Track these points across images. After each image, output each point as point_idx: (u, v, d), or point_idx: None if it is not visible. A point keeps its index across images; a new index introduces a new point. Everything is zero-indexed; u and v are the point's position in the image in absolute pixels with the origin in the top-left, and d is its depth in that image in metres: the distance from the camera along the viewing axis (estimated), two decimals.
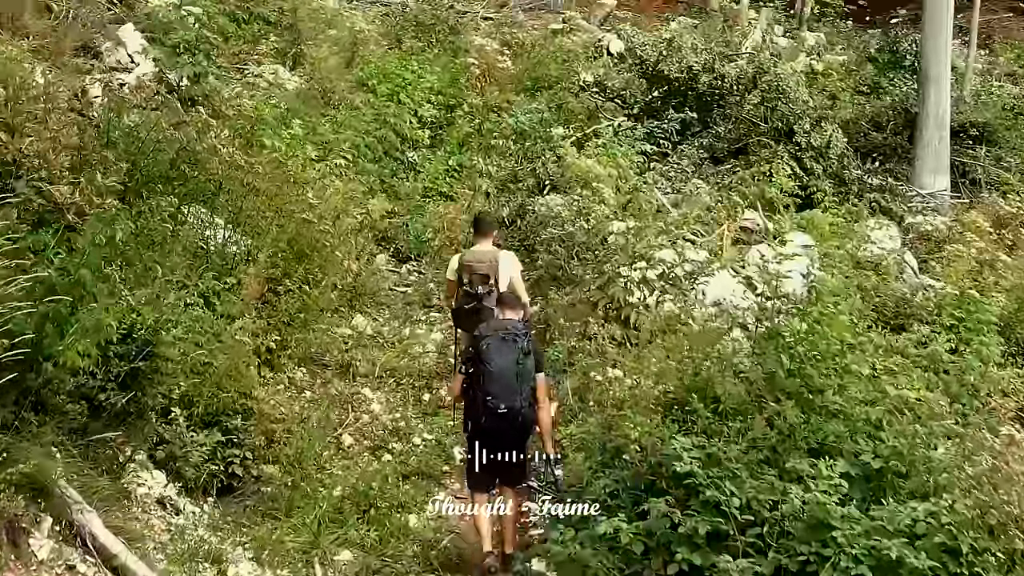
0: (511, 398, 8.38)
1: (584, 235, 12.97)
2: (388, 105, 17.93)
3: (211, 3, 20.82)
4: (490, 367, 8.39)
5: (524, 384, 8.45)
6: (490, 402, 8.36)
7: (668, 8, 38.20)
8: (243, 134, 13.23)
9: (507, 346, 8.43)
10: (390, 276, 14.68)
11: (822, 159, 16.43)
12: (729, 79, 17.42)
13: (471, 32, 24.48)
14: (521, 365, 8.41)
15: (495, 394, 8.36)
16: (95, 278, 7.68)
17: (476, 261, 10.34)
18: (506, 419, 8.41)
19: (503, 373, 8.37)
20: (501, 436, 8.58)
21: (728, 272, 12.79)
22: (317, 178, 13.90)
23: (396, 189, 16.84)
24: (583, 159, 14.88)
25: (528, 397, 8.50)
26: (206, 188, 11.50)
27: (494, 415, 8.39)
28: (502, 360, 8.39)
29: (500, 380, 8.37)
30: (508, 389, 8.37)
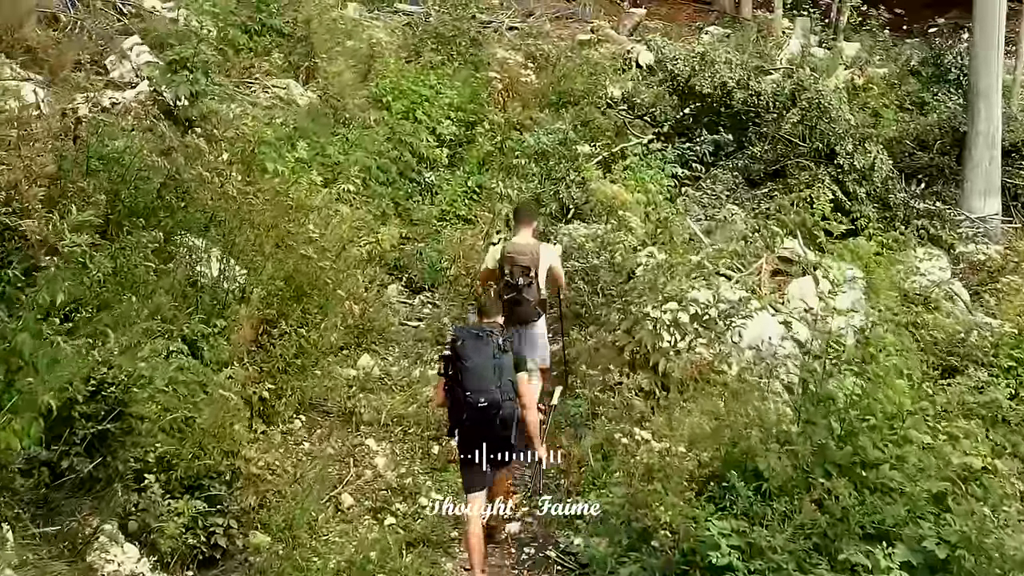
0: (489, 392, 8.40)
1: (609, 269, 11.93)
2: (403, 123, 16.92)
3: (223, 14, 20.06)
4: (467, 363, 8.44)
5: (502, 378, 8.49)
6: (469, 397, 8.40)
7: (699, 17, 37.16)
8: (243, 158, 12.26)
9: (482, 342, 8.49)
10: (401, 309, 13.65)
11: (866, 182, 15.33)
12: (765, 96, 16.33)
13: (494, 44, 23.43)
14: (497, 359, 8.46)
15: (473, 388, 8.39)
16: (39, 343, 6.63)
17: (518, 253, 10.48)
18: (487, 413, 8.43)
19: (479, 368, 8.41)
20: (485, 431, 8.59)
21: (767, 310, 11.72)
22: (322, 205, 12.91)
23: (411, 213, 15.84)
24: (609, 185, 13.82)
25: (509, 392, 8.52)
26: (196, 221, 10.52)
27: (474, 409, 8.42)
28: (478, 356, 8.44)
29: (477, 375, 8.41)
30: (485, 383, 8.41)
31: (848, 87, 20.40)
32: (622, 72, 23.68)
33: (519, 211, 11.25)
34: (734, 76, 16.19)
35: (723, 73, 16.15)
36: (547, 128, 17.18)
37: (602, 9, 35.00)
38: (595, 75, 21.80)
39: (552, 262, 10.68)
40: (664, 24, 35.29)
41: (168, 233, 10.39)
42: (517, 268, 10.38)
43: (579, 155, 17.23)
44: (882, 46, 30.31)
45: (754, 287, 12.08)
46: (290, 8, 20.82)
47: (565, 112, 20.37)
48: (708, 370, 10.11)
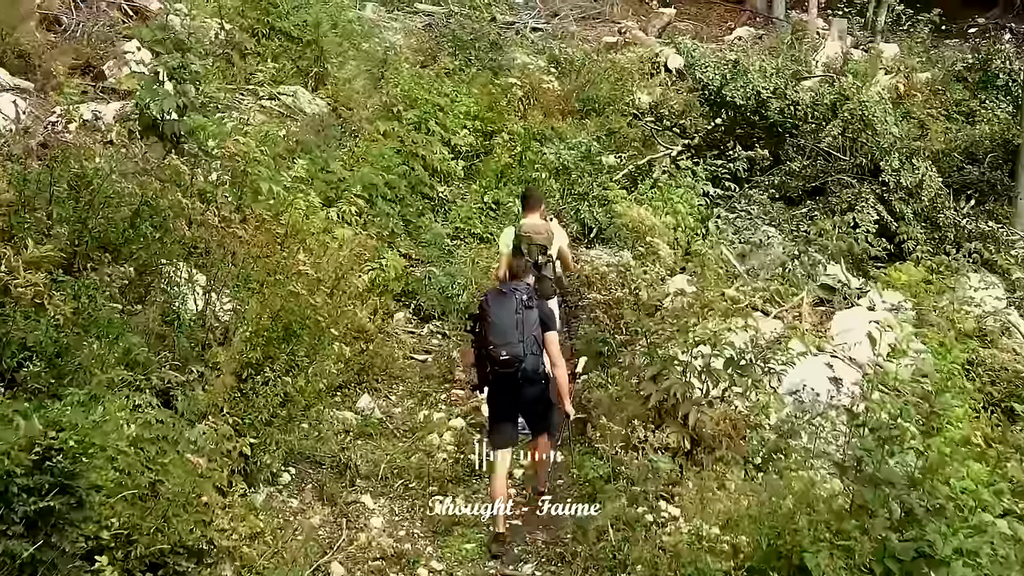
0: (512, 345, 8.63)
1: (635, 303, 10.80)
2: (415, 134, 15.81)
3: (229, 16, 19.06)
4: (490, 318, 8.76)
5: (525, 332, 8.70)
6: (492, 351, 8.68)
7: (730, 17, 35.93)
8: (233, 179, 11.19)
9: (505, 298, 8.80)
10: (407, 340, 12.53)
11: (913, 201, 14.12)
12: (804, 106, 15.10)
13: (515, 48, 22.30)
14: (520, 315, 8.69)
15: (496, 343, 8.67)
16: None
17: (535, 232, 10.77)
18: (510, 365, 8.66)
19: (502, 322, 8.69)
20: (511, 385, 8.82)
21: (809, 350, 10.60)
22: (320, 230, 11.83)
23: (422, 231, 14.74)
24: (635, 207, 12.66)
25: (532, 346, 8.71)
26: (173, 253, 9.46)
27: (497, 362, 8.68)
28: (501, 310, 8.73)
29: (500, 328, 8.69)
30: (508, 336, 8.65)
31: (890, 94, 19.13)
32: (650, 77, 22.57)
33: (527, 196, 11.40)
34: (769, 86, 14.94)
35: (757, 82, 14.90)
36: (569, 141, 16.03)
37: (630, 9, 33.83)
38: (622, 81, 20.70)
39: (561, 242, 10.97)
40: (694, 24, 34.12)
41: (142, 267, 9.36)
42: (535, 247, 10.67)
43: (603, 169, 16.14)
44: (921, 47, 29.06)
45: (794, 323, 10.92)
46: (303, 11, 19.71)
47: (589, 121, 19.28)
48: (744, 425, 8.97)
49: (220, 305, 9.53)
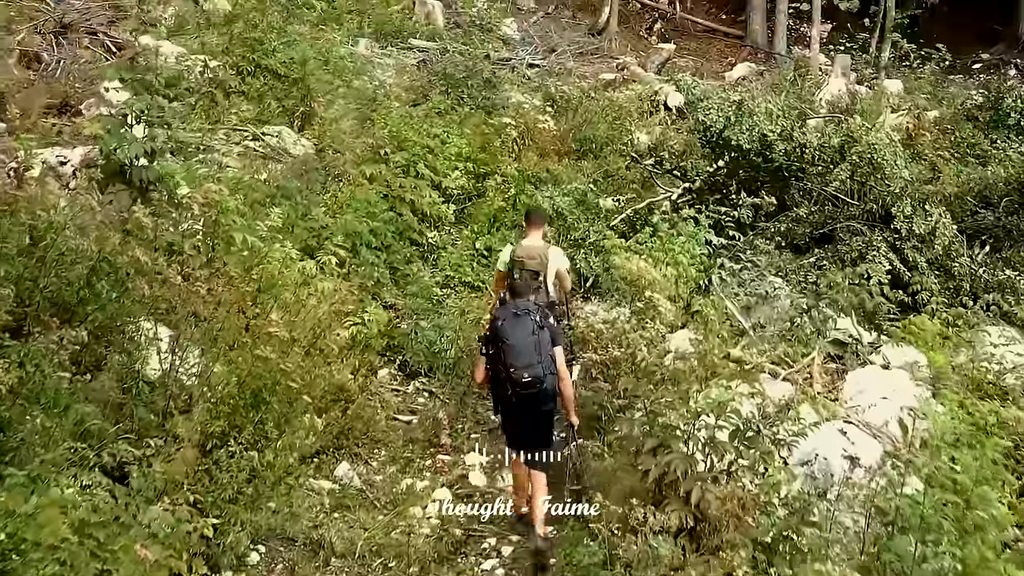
0: (533, 367, 8.81)
1: (630, 367, 9.99)
2: (403, 178, 15.09)
3: (213, 54, 18.44)
4: (508, 341, 8.87)
5: (542, 352, 8.88)
6: (514, 374, 8.80)
7: (731, 52, 35.37)
8: (205, 230, 10.47)
9: (520, 321, 8.93)
10: (391, 400, 11.76)
11: (926, 248, 13.37)
12: (811, 149, 14.36)
13: (509, 86, 21.62)
14: (536, 336, 8.87)
15: (517, 366, 8.81)
16: None
17: (527, 256, 10.71)
18: (532, 387, 8.84)
19: (521, 345, 8.85)
20: (530, 406, 9.01)
21: (820, 414, 9.84)
22: (298, 283, 11.09)
23: (409, 280, 14.00)
24: (634, 259, 11.90)
25: (549, 366, 8.92)
26: (133, 314, 8.72)
27: (519, 385, 8.82)
28: (518, 334, 8.87)
29: (519, 352, 8.84)
30: (528, 358, 8.82)
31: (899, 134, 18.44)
32: (649, 115, 21.91)
33: (529, 214, 11.35)
34: (775, 128, 14.21)
35: (762, 125, 14.17)
36: (564, 186, 15.31)
37: (628, 45, 33.30)
38: (620, 120, 20.01)
39: (559, 266, 10.87)
40: (694, 60, 33.54)
41: (98, 330, 8.62)
42: (526, 272, 10.54)
43: (600, 212, 15.43)
44: (924, 83, 28.49)
45: (805, 385, 10.16)
46: (290, 47, 19.08)
47: (586, 161, 18.58)
48: (753, 504, 8.18)
49: (183, 371, 8.77)
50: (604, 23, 33.50)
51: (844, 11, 38.50)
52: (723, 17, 38.94)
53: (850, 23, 38.33)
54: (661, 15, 36.81)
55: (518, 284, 9.74)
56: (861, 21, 38.61)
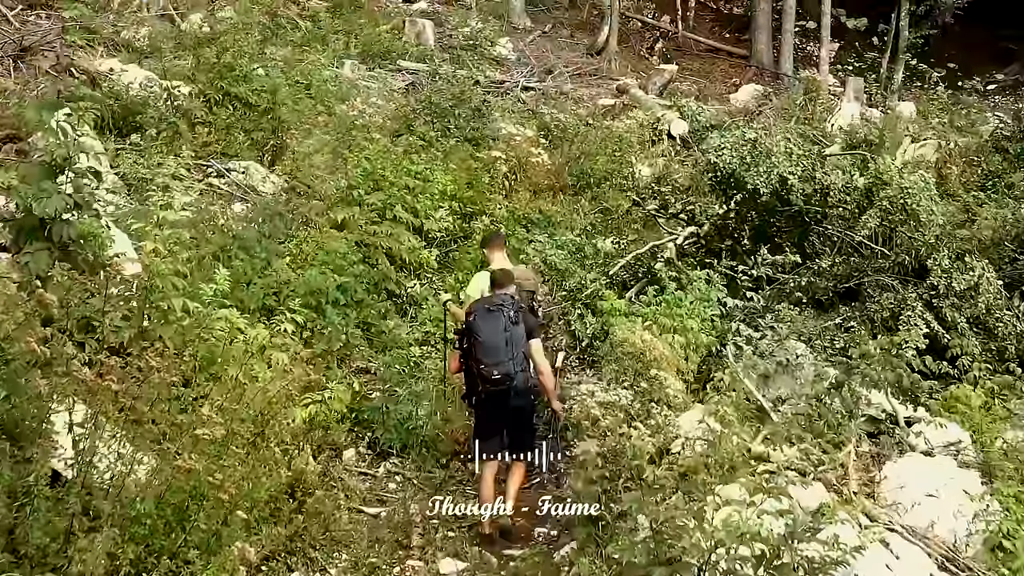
0: (503, 364, 8.86)
1: (634, 458, 8.41)
2: (379, 222, 13.56)
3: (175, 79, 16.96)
4: (479, 337, 8.93)
5: (514, 349, 8.91)
6: (483, 370, 8.90)
7: (735, 73, 33.94)
8: (135, 297, 8.95)
9: (493, 316, 8.95)
10: (357, 487, 10.18)
11: (966, 306, 11.81)
12: (835, 192, 12.76)
13: (501, 114, 20.08)
14: (508, 332, 8.88)
15: (487, 362, 8.89)
16: None
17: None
18: (502, 383, 8.88)
19: (492, 341, 8.88)
20: (501, 403, 9.04)
21: (859, 519, 8.30)
22: (247, 357, 9.53)
23: (384, 339, 12.47)
24: (636, 330, 10.30)
25: (521, 362, 8.96)
26: (26, 415, 7.15)
27: (489, 381, 8.91)
28: (489, 329, 8.90)
29: (490, 348, 8.89)
30: (498, 355, 8.87)
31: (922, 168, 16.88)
32: (652, 145, 20.40)
33: (490, 238, 11.37)
34: (795, 170, 12.59)
35: (782, 166, 12.55)
36: (557, 236, 13.76)
37: (629, 65, 31.88)
38: (620, 151, 18.48)
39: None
40: (697, 81, 32.11)
41: None
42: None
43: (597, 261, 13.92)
44: (939, 106, 27.01)
45: (839, 485, 8.61)
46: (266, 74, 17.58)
47: (584, 198, 17.07)
48: None
49: (92, 481, 7.21)
50: (603, 42, 32.09)
51: (852, 29, 37.30)
52: (727, 36, 37.57)
53: (858, 42, 37.11)
54: (663, 34, 35.42)
55: (499, 274, 9.76)
56: (869, 40, 37.36)
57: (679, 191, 16.31)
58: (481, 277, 10.68)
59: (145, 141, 15.86)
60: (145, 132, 16.11)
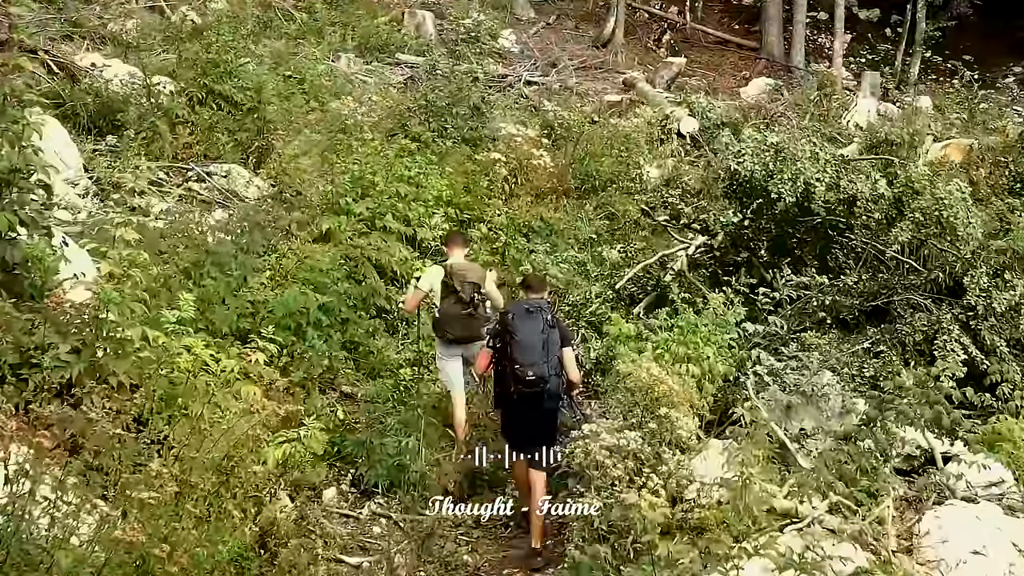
0: (538, 365, 8.70)
1: (644, 531, 7.40)
2: (367, 233, 12.57)
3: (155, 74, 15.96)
4: (517, 336, 8.79)
5: (550, 353, 8.78)
6: (518, 370, 8.71)
7: (745, 66, 32.86)
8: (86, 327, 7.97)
9: (531, 317, 8.85)
10: (337, 533, 9.16)
11: (1006, 327, 10.80)
12: (862, 201, 11.71)
13: (501, 112, 19.03)
14: (546, 335, 8.77)
15: (523, 362, 8.72)
16: None
17: (467, 270, 10.41)
18: (535, 385, 8.72)
19: (529, 341, 8.75)
20: (532, 405, 8.89)
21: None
22: (213, 391, 8.54)
23: (371, 360, 11.49)
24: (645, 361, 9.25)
25: (555, 366, 8.82)
26: None
27: (523, 382, 8.73)
28: (527, 330, 8.77)
29: (527, 348, 8.75)
30: (535, 356, 8.71)
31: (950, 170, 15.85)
32: (660, 144, 19.37)
33: (452, 236, 11.12)
34: (822, 177, 11.51)
35: (809, 173, 11.45)
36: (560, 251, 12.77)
37: (635, 58, 30.80)
38: (627, 151, 17.46)
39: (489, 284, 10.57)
40: (705, 74, 31.03)
41: None
42: (468, 284, 10.18)
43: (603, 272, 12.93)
44: (954, 99, 26.01)
45: (876, 544, 7.61)
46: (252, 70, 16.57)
47: (588, 203, 16.05)
48: None
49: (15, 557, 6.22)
50: (609, 34, 31.03)
51: (864, 20, 36.24)
52: (736, 28, 36.43)
53: (870, 33, 36.16)
54: (670, 25, 34.34)
55: (532, 278, 9.80)
56: (882, 31, 36.40)
57: (689, 195, 15.32)
58: (434, 270, 10.46)
59: (123, 142, 14.94)
60: (123, 132, 15.19)
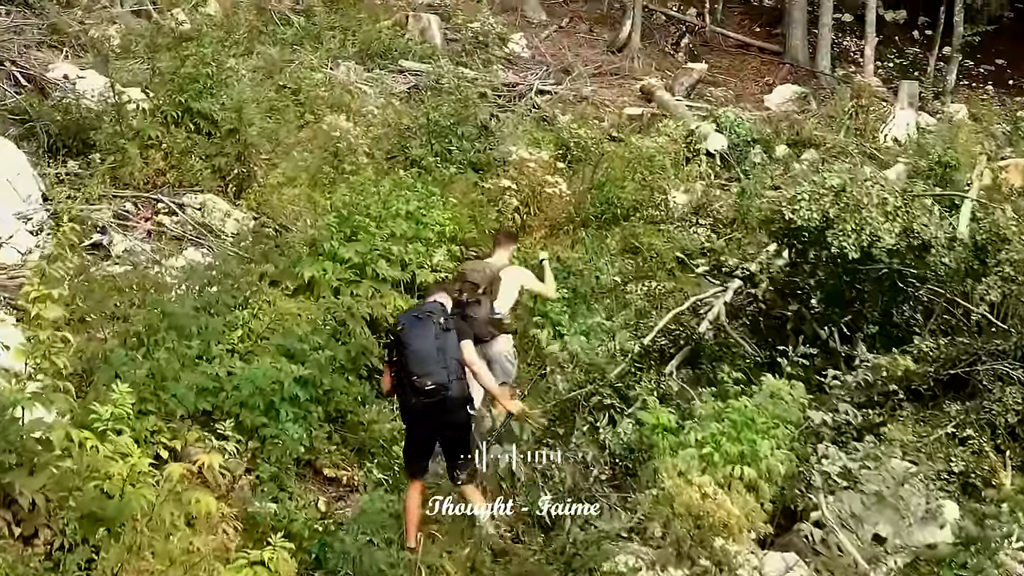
0: (436, 374, 8.34)
1: None
2: (356, 281, 10.86)
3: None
4: (411, 347, 8.38)
5: (447, 358, 8.42)
6: (416, 381, 8.35)
7: (768, 72, 31.13)
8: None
9: (422, 324, 8.46)
10: None
11: None
12: (937, 250, 9.92)
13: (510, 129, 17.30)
14: (439, 340, 8.42)
15: (418, 372, 8.34)
16: None
17: (471, 270, 10.56)
18: (435, 394, 8.34)
19: (422, 351, 8.35)
20: (435, 414, 8.47)
21: None
22: (156, 504, 6.82)
23: (360, 435, 9.79)
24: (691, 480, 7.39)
25: (455, 371, 8.45)
26: None
27: (421, 393, 8.36)
28: (420, 339, 8.42)
29: (420, 358, 8.35)
30: (431, 365, 8.35)
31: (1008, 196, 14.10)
32: (686, 162, 17.67)
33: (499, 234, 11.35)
34: (893, 227, 9.67)
35: (877, 223, 9.60)
36: (582, 322, 11.05)
37: (653, 63, 29.07)
38: (651, 174, 15.75)
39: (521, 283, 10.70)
40: (725, 79, 29.31)
41: None
42: (467, 285, 10.21)
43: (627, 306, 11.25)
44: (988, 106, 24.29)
45: None
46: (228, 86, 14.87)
47: (608, 234, 14.34)
48: None
49: None
50: (625, 38, 29.34)
51: (890, 23, 34.61)
52: (757, 30, 34.71)
53: (897, 36, 34.48)
54: (689, 29, 32.59)
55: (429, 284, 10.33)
56: (909, 34, 34.75)
57: (722, 224, 13.61)
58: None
59: (91, 167, 13.33)
60: (89, 156, 13.58)
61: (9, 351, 6.87)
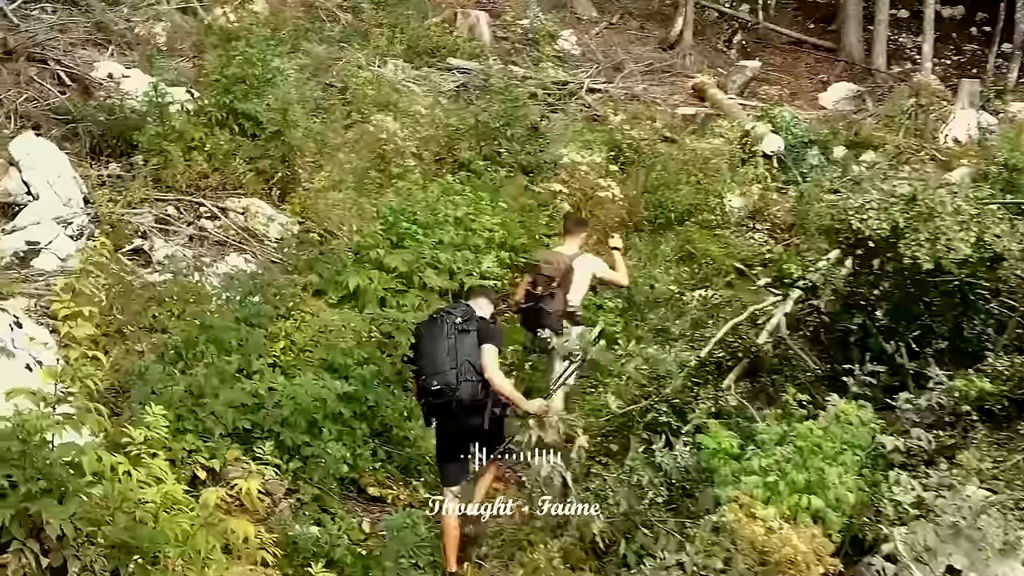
0: (443, 375, 8.12)
1: None
2: (403, 291, 10.52)
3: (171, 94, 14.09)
4: (422, 348, 8.33)
5: (458, 358, 8.14)
6: (423, 381, 8.24)
7: (822, 69, 30.55)
8: None
9: (436, 325, 8.34)
10: None
11: None
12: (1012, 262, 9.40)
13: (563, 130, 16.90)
14: (451, 340, 8.19)
15: (427, 373, 8.21)
16: None
17: (544, 262, 10.47)
18: (442, 395, 8.13)
19: (432, 351, 8.23)
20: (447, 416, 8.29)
21: None
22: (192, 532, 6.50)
23: (407, 452, 9.44)
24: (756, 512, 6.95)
25: (467, 373, 8.13)
26: None
27: (430, 394, 8.21)
28: (430, 339, 8.30)
29: (430, 358, 8.23)
30: (439, 365, 8.15)
31: None
32: (741, 164, 17.20)
33: (568, 219, 11.34)
34: (968, 237, 9.15)
35: (951, 232, 9.05)
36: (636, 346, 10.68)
37: (705, 60, 28.60)
38: (706, 176, 15.31)
39: (592, 271, 10.66)
40: (779, 76, 28.77)
41: None
42: (541, 278, 10.22)
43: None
44: None
45: None
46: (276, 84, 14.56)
47: (663, 238, 13.92)
48: None
49: None
50: (677, 35, 28.92)
51: (947, 19, 33.85)
52: (811, 27, 34.06)
53: (954, 33, 33.70)
54: (742, 25, 32.04)
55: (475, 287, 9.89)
56: (966, 30, 33.95)
57: (780, 230, 13.11)
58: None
59: (133, 169, 13.11)
60: (131, 157, 13.36)
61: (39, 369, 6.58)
